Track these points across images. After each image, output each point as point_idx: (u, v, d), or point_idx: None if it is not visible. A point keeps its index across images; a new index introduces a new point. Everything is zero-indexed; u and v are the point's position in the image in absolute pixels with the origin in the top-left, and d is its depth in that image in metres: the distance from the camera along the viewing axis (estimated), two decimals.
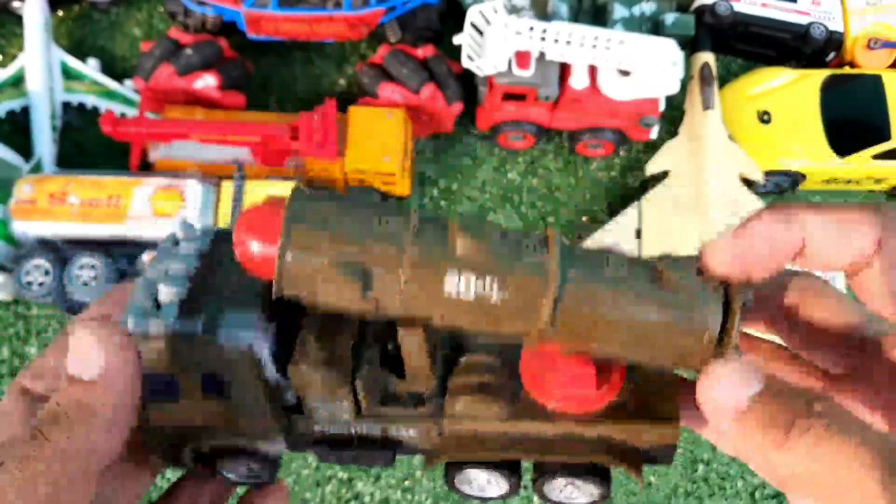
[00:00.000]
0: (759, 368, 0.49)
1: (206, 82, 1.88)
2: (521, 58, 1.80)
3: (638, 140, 2.01)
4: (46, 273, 1.78)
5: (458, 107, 1.92)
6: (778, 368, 0.56)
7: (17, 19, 2.09)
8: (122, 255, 2.05)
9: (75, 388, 0.47)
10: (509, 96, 1.86)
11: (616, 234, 1.93)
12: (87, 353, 0.46)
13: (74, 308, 2.13)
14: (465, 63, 1.80)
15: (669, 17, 1.90)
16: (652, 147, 2.02)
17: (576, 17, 1.94)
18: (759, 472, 0.49)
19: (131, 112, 1.97)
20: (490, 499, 0.54)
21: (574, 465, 0.51)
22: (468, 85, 1.95)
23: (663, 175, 1.93)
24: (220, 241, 0.49)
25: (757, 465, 0.48)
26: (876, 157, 1.93)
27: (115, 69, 2.11)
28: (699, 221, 1.87)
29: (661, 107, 1.88)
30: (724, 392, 0.47)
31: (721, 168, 1.88)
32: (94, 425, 0.46)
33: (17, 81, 2.00)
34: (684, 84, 1.91)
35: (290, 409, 0.50)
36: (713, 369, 0.48)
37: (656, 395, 0.51)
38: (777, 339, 0.56)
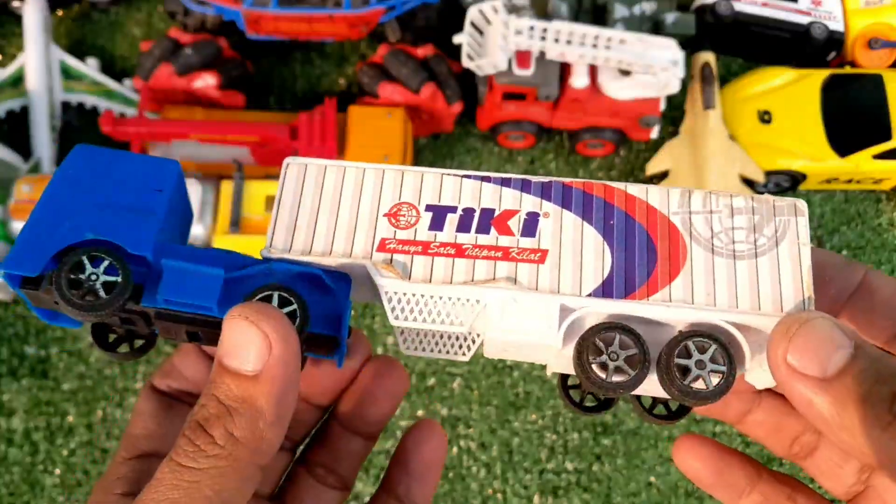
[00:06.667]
0: (847, 328, 0.39)
1: (206, 82, 1.88)
2: (522, 57, 1.80)
3: (638, 140, 2.01)
4: None
5: (458, 106, 1.92)
6: None
7: (17, 19, 2.08)
8: None
9: (236, 382, 0.41)
10: (509, 96, 1.86)
11: None
12: (246, 345, 0.41)
13: None
14: (465, 63, 1.80)
15: (670, 17, 1.90)
16: (652, 147, 2.02)
17: (576, 16, 1.93)
18: (845, 448, 0.40)
19: (131, 112, 1.97)
20: None
21: None
22: (468, 85, 1.95)
23: (663, 175, 1.93)
24: None
25: (845, 441, 0.39)
26: (877, 156, 1.92)
27: (114, 69, 2.11)
28: None
29: (662, 106, 1.88)
30: (808, 353, 0.38)
31: (721, 167, 1.87)
32: (258, 419, 0.41)
33: (17, 81, 1.99)
34: (685, 84, 1.91)
35: None
36: (791, 323, 0.39)
37: None
38: None
